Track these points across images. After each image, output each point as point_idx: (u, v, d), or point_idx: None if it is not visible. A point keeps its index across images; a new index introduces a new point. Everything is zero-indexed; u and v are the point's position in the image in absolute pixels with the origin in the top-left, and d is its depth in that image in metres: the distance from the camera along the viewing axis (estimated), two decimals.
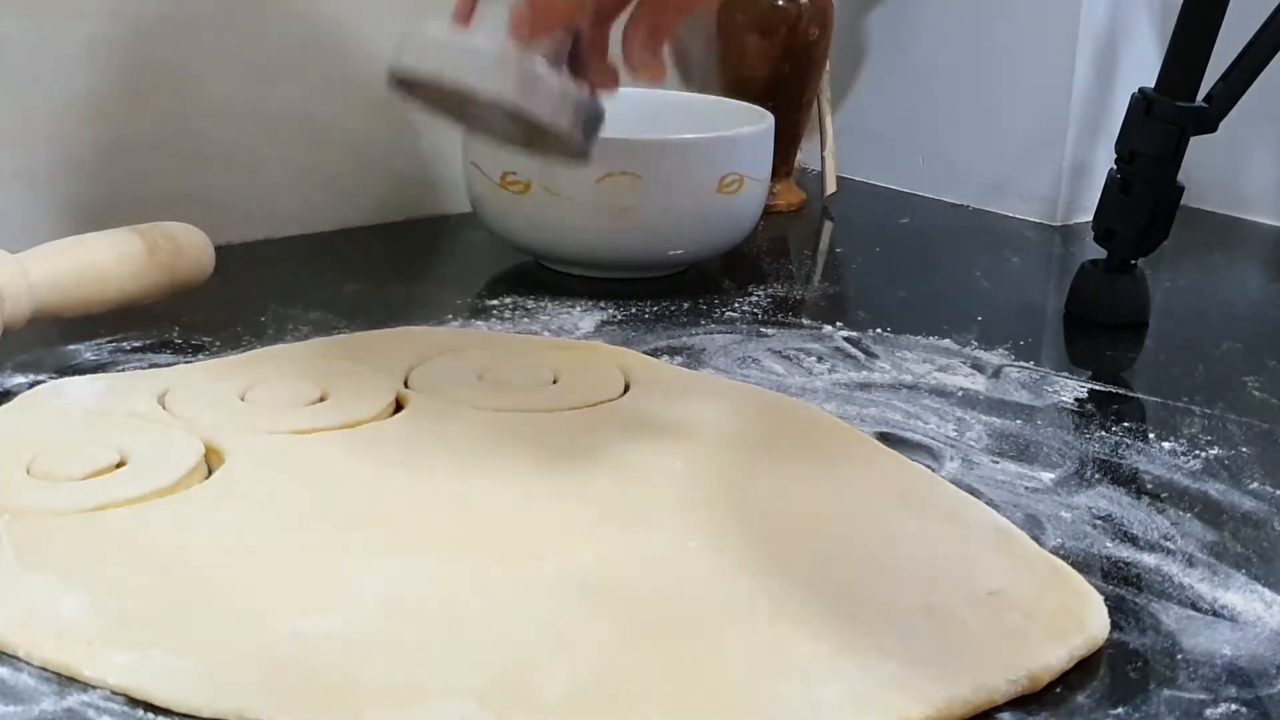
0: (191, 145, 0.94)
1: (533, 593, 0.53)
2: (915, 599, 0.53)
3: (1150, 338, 0.86)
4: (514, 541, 0.56)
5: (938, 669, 0.49)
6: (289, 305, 0.83)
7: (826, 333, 0.83)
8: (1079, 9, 1.05)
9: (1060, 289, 0.91)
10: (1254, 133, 1.07)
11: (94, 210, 0.88)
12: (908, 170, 1.17)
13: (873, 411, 0.72)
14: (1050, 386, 0.76)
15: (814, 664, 0.49)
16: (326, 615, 0.51)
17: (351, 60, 0.99)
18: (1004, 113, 1.11)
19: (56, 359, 0.74)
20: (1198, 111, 0.83)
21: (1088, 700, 0.49)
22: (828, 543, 0.58)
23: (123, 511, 0.57)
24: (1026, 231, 1.08)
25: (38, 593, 0.51)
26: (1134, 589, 0.56)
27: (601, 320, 0.83)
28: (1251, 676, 0.51)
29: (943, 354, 0.80)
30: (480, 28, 0.63)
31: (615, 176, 0.86)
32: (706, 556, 0.56)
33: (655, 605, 0.52)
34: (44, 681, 0.48)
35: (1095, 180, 0.93)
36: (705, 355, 0.79)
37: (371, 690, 0.47)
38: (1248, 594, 0.56)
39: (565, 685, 0.47)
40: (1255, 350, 0.84)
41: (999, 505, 0.62)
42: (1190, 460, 0.68)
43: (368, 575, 0.53)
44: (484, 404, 0.69)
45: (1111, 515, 0.62)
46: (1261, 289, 1.00)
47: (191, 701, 0.46)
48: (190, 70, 0.93)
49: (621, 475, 0.63)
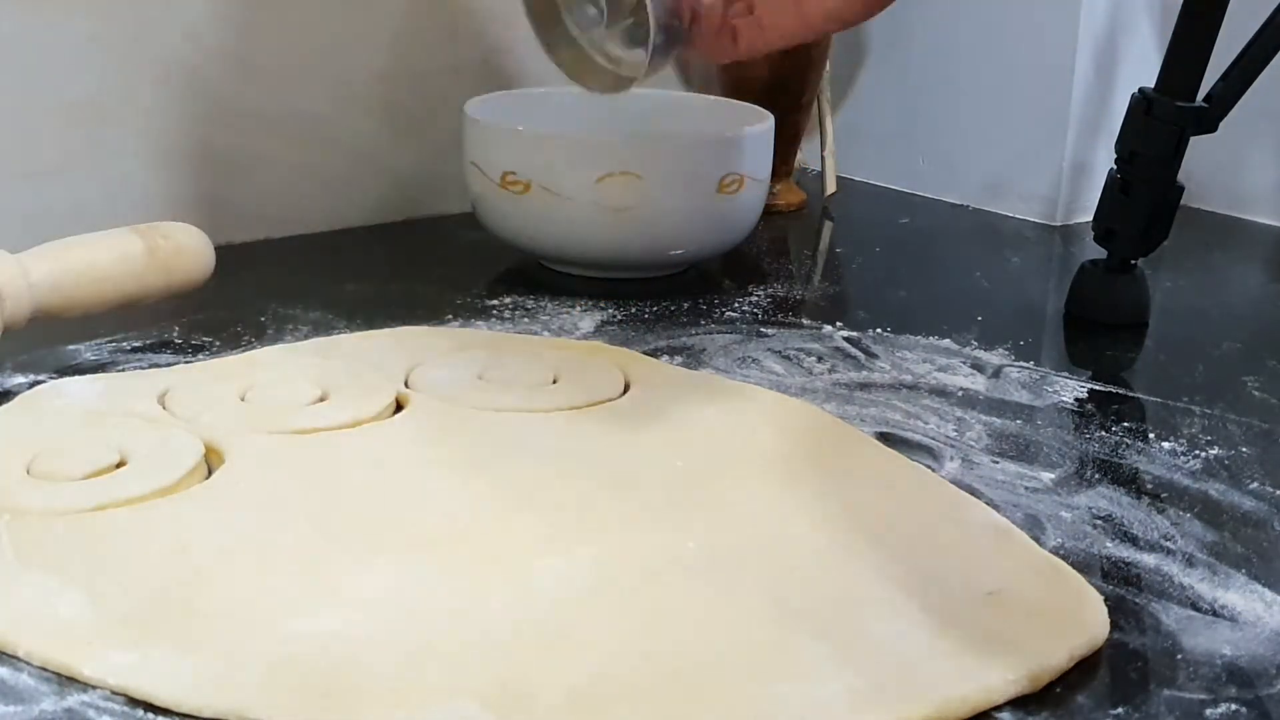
0: (191, 145, 0.94)
1: (533, 593, 0.53)
2: (915, 599, 0.53)
3: (1150, 338, 0.86)
4: (514, 541, 0.56)
5: (938, 669, 0.49)
6: (289, 305, 0.83)
7: (826, 333, 0.83)
8: (1079, 9, 1.05)
9: (1060, 289, 0.91)
10: (1254, 133, 1.07)
11: (94, 210, 0.88)
12: (908, 170, 1.17)
13: (873, 411, 0.72)
14: (1050, 386, 0.76)
15: (814, 664, 0.49)
16: (326, 615, 0.51)
17: (351, 60, 0.99)
18: (1004, 113, 1.11)
19: (56, 359, 0.74)
20: (1198, 111, 0.83)
21: (1088, 700, 0.49)
22: (827, 542, 0.58)
23: (123, 511, 0.57)
24: (1026, 231, 1.08)
25: (37, 592, 0.51)
26: (1134, 589, 0.56)
27: (601, 320, 0.83)
28: (1251, 676, 0.51)
29: (943, 354, 0.80)
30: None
31: (615, 176, 0.86)
32: (706, 556, 0.56)
33: (654, 605, 0.52)
34: (44, 681, 0.48)
35: (1095, 180, 0.93)
36: (705, 355, 0.79)
37: (371, 690, 0.47)
38: (1248, 594, 0.56)
39: (565, 685, 0.47)
40: (1255, 350, 0.84)
41: (999, 505, 0.62)
42: (1190, 460, 0.68)
43: (367, 575, 0.53)
44: (484, 404, 0.69)
45: (1111, 515, 0.62)
46: (1261, 289, 1.00)
47: (191, 701, 0.46)
48: (191, 70, 0.93)
49: (621, 475, 0.63)
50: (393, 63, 1.01)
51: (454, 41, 1.03)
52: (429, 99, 1.02)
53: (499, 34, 1.05)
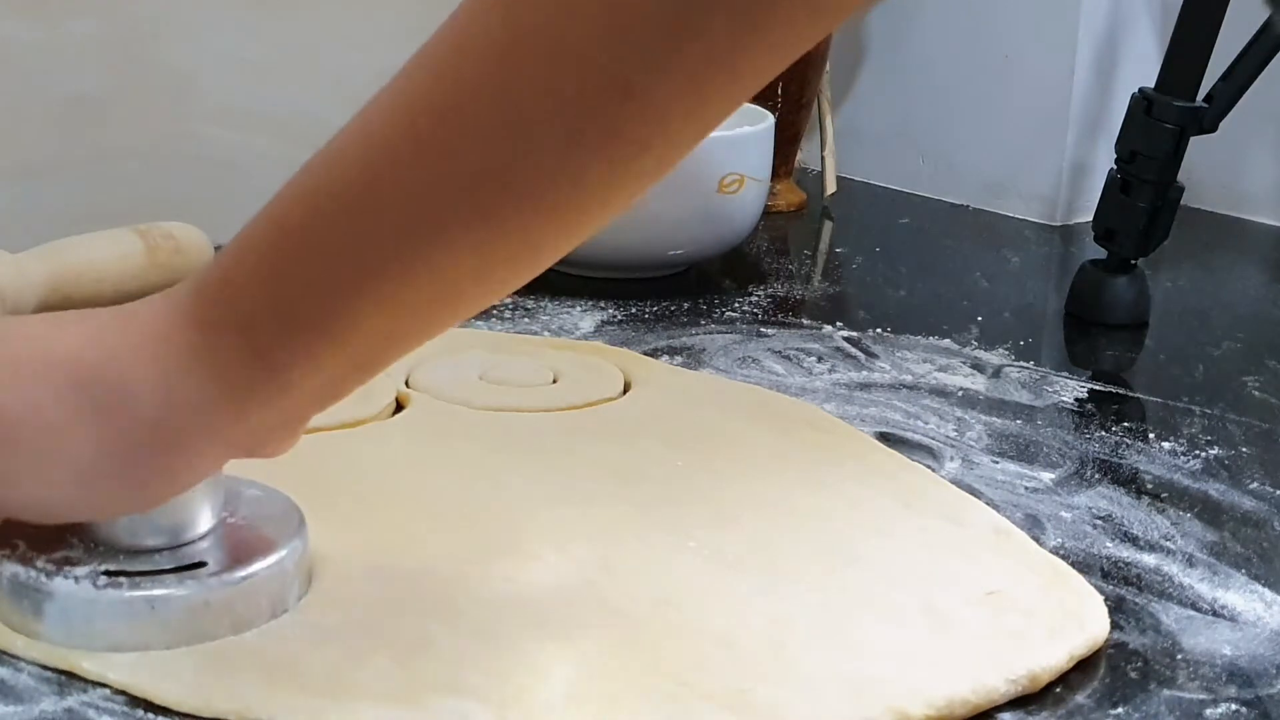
0: (191, 145, 0.94)
1: (532, 592, 0.53)
2: (915, 599, 0.53)
3: (1150, 338, 0.86)
4: (513, 541, 0.56)
5: (938, 669, 0.49)
6: None
7: (826, 333, 0.83)
8: (1079, 9, 1.05)
9: (1060, 289, 0.91)
10: (1254, 133, 1.07)
11: (94, 210, 0.88)
12: (908, 170, 1.17)
13: (873, 411, 0.72)
14: (1050, 386, 0.76)
15: (814, 664, 0.49)
16: (326, 615, 0.51)
17: (351, 60, 0.99)
18: (1004, 113, 1.11)
19: None
20: (1198, 111, 0.83)
21: (1088, 700, 0.49)
22: (828, 542, 0.57)
23: None
24: (1026, 231, 1.08)
25: None
26: (1134, 589, 0.56)
27: (601, 320, 0.83)
28: (1251, 676, 0.51)
29: (943, 354, 0.80)
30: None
31: None
32: (706, 556, 0.56)
33: (654, 605, 0.52)
34: (44, 682, 0.48)
35: (1095, 180, 0.93)
36: (705, 355, 0.79)
37: (371, 690, 0.47)
38: (1248, 594, 0.56)
39: (564, 685, 0.47)
40: (1255, 350, 0.84)
41: (999, 505, 0.62)
42: (1190, 460, 0.68)
43: (366, 575, 0.53)
44: (484, 404, 0.69)
45: (1111, 515, 0.62)
46: (1261, 289, 1.00)
47: (191, 701, 0.46)
48: (190, 70, 0.93)
49: (621, 475, 0.63)
50: (392, 62, 1.00)
51: None
52: None
53: None
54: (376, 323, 0.45)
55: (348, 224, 0.44)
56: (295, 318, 0.45)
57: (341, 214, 0.44)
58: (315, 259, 0.45)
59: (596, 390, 0.71)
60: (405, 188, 0.44)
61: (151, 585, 0.48)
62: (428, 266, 0.44)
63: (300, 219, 0.45)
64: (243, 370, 0.45)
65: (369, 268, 0.44)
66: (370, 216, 0.44)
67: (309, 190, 0.46)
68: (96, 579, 0.48)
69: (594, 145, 0.43)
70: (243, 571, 0.49)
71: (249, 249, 0.46)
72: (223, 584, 0.49)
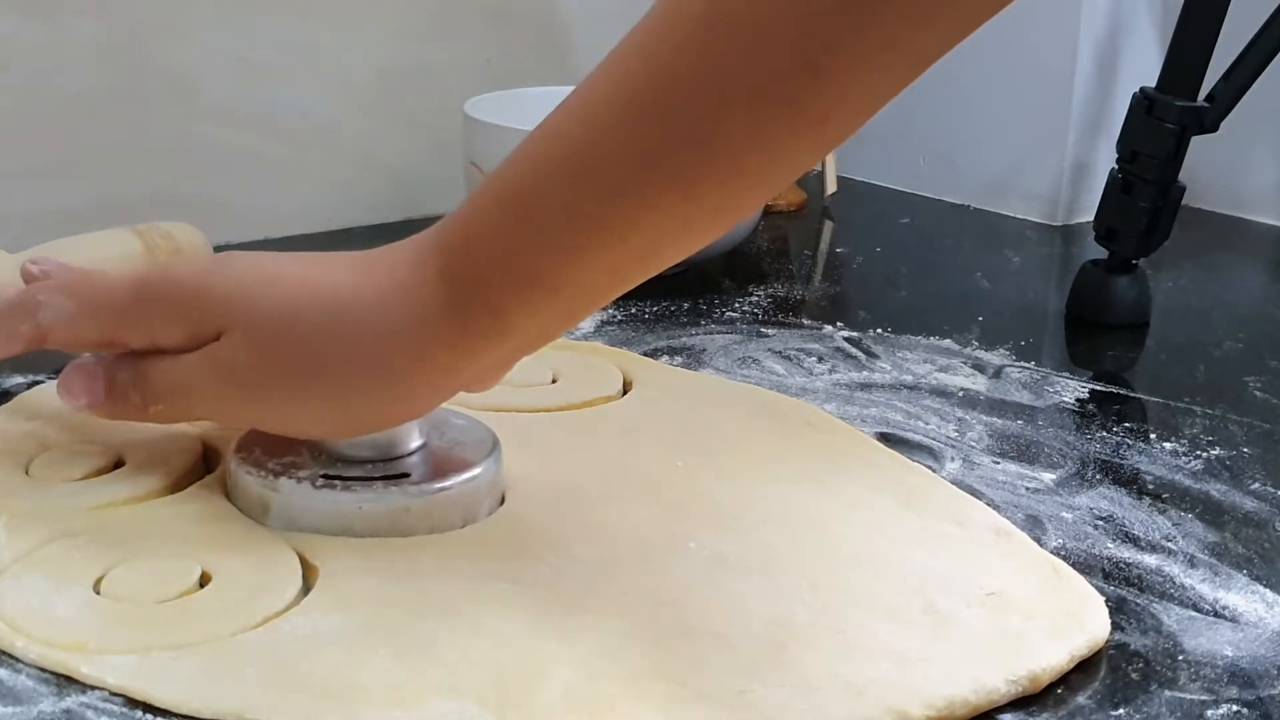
0: (191, 145, 0.94)
1: (531, 592, 0.53)
2: (915, 599, 0.53)
3: (1151, 338, 0.86)
4: (512, 541, 0.56)
5: (938, 669, 0.49)
6: None
7: (827, 333, 0.83)
8: (1079, 9, 1.05)
9: (1061, 289, 0.91)
10: (1255, 133, 1.07)
11: (94, 210, 0.88)
12: (908, 170, 1.17)
13: (873, 412, 0.72)
14: (1051, 387, 0.76)
15: (814, 664, 0.49)
16: (326, 615, 0.51)
17: (351, 60, 0.99)
18: (1004, 113, 1.11)
19: (56, 359, 0.73)
20: (1199, 111, 0.83)
21: (1089, 701, 0.49)
22: (828, 543, 0.57)
23: (121, 511, 0.57)
24: (1027, 231, 1.08)
25: (36, 593, 0.51)
26: (1135, 590, 0.56)
27: (601, 320, 0.83)
28: (1253, 677, 0.51)
29: (943, 354, 0.80)
30: None
31: None
32: (706, 557, 0.56)
33: (654, 605, 0.52)
34: (43, 682, 0.48)
35: (1096, 180, 0.93)
36: (705, 355, 0.78)
37: (371, 690, 0.47)
38: (1249, 595, 0.56)
39: (564, 685, 0.47)
40: (1256, 350, 0.84)
41: (1000, 506, 0.62)
42: (1191, 461, 0.68)
43: (365, 574, 0.53)
44: (484, 403, 0.69)
45: (1112, 516, 0.62)
46: (1262, 289, 1.00)
47: (191, 702, 0.46)
48: (190, 70, 0.93)
49: (620, 475, 0.62)
50: (393, 62, 1.01)
51: (454, 41, 1.03)
52: (429, 99, 1.02)
53: (499, 34, 1.04)
54: (589, 277, 0.51)
55: (570, 189, 0.50)
56: (523, 272, 0.51)
57: (565, 179, 0.50)
58: (542, 219, 0.50)
59: (596, 390, 0.71)
60: (619, 157, 0.49)
61: (361, 489, 0.56)
62: (635, 227, 0.50)
63: (530, 185, 0.51)
64: (480, 319, 0.52)
65: (587, 227, 0.50)
66: (590, 181, 0.49)
67: (536, 157, 0.51)
68: (315, 480, 0.56)
69: (782, 118, 0.47)
70: (440, 484, 0.57)
71: (484, 210, 0.52)
72: (421, 493, 0.56)
